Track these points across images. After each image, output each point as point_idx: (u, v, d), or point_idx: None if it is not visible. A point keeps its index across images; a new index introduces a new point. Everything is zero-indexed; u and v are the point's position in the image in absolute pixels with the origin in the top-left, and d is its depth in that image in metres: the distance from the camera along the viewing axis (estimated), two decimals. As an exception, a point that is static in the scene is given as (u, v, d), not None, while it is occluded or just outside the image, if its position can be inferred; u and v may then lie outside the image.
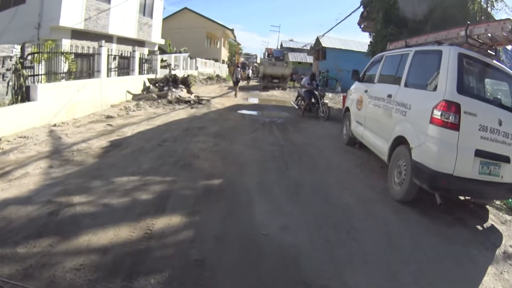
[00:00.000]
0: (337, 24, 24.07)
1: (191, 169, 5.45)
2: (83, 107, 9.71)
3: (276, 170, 5.65)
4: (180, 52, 27.50)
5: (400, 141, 4.90)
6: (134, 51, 14.69)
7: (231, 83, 32.85)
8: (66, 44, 11.48)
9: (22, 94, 8.00)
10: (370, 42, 13.78)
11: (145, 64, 16.81)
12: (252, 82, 31.33)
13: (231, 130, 8.79)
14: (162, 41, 20.85)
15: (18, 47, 8.43)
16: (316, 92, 11.93)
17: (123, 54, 14.26)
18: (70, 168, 5.01)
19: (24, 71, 8.36)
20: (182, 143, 7.05)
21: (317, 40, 33.03)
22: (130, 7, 16.16)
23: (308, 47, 40.32)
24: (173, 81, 15.19)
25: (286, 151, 6.95)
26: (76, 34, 13.15)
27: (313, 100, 12.04)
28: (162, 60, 21.01)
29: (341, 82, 28.59)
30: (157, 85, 15.00)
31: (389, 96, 5.49)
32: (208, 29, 38.68)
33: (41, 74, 8.91)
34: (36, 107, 7.91)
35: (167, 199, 4.15)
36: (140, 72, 15.48)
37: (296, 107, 12.96)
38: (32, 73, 8.57)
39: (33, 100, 7.92)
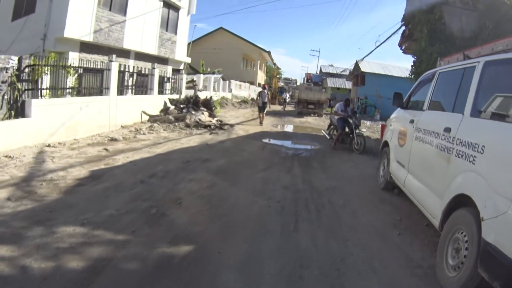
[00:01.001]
0: (377, 47, 22.48)
1: (161, 222, 3.92)
2: (86, 126, 8.85)
3: (279, 233, 3.93)
4: (213, 73, 26.85)
5: (462, 202, 3.05)
6: (153, 68, 13.67)
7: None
8: (74, 57, 10.70)
9: (17, 109, 7.37)
10: (414, 62, 12.03)
11: (167, 83, 15.86)
12: (289, 107, 30.00)
13: (240, 165, 7.24)
14: (188, 59, 19.96)
15: (16, 59, 7.73)
16: (351, 120, 10.23)
17: (142, 71, 13.29)
18: (26, 204, 4.18)
19: (19, 84, 7.65)
20: (171, 181, 5.59)
21: (356, 64, 31.47)
22: (150, 20, 15.33)
23: (347, 72, 38.56)
24: (194, 103, 13.99)
25: (301, 200, 5.21)
26: (86, 47, 12.39)
27: (346, 129, 10.30)
28: (191, 81, 20.11)
29: (380, 110, 27.06)
30: (177, 106, 13.87)
31: (447, 130, 3.60)
32: (244, 50, 37.96)
33: (40, 89, 8.15)
34: (30, 124, 7.22)
35: (96, 277, 2.75)
36: (161, 92, 14.53)
37: (328, 137, 11.23)
38: (28, 87, 7.88)
39: (27, 116, 7.24)
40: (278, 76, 61.08)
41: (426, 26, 11.04)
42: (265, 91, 15.95)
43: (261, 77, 43.47)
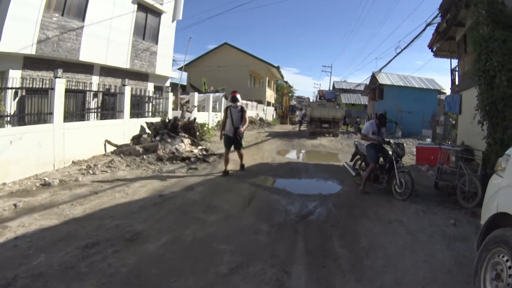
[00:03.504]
0: (398, 54, 19.66)
1: None
2: (22, 166, 6.70)
3: None
4: (217, 92, 24.06)
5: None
6: (123, 85, 10.68)
7: (275, 128, 28.66)
8: (16, 76, 8.42)
9: None
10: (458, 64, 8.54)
11: (148, 104, 12.83)
12: (304, 127, 26.53)
13: (185, 257, 3.68)
14: (175, 74, 16.92)
15: None
16: (388, 147, 6.75)
17: (111, 90, 10.57)
18: None
19: None
20: None
21: (373, 76, 28.29)
22: (119, 27, 12.23)
23: (362, 88, 35.51)
24: (171, 128, 10.67)
25: None
26: (31, 62, 9.66)
27: (381, 160, 6.79)
28: (187, 102, 16.95)
29: (401, 126, 24.45)
30: (152, 133, 10.64)
31: None
32: (251, 67, 34.85)
33: None
34: None
35: None
36: (139, 115, 11.69)
37: (352, 172, 7.59)
38: None
39: None
40: (290, 94, 57.91)
41: (481, 6, 7.62)
42: (238, 104, 8.06)
43: (270, 95, 40.26)
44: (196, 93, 18.70)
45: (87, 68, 11.50)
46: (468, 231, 4.63)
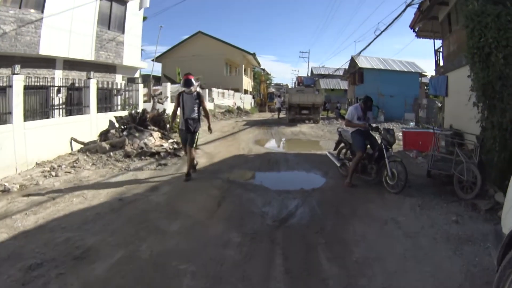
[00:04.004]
0: (377, 36, 19.15)
1: None
2: None
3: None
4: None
5: None
6: (89, 78, 9.83)
7: (254, 117, 27.79)
8: None
9: None
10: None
11: (117, 97, 12.03)
12: (283, 115, 25.94)
13: (138, 273, 3.02)
14: (144, 65, 15.84)
15: None
16: (376, 135, 6.08)
17: (76, 85, 9.92)
18: None
19: None
20: None
21: (352, 60, 27.67)
22: (82, 17, 11.11)
23: (341, 72, 35.04)
24: (140, 122, 9.74)
25: None
26: None
27: (368, 148, 6.11)
28: (160, 93, 15.92)
29: (383, 110, 23.65)
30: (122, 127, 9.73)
31: None
32: (226, 55, 33.72)
33: None
34: None
35: None
36: (107, 109, 10.96)
37: (337, 163, 6.88)
38: None
39: None
40: (268, 81, 56.96)
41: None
42: (193, 90, 6.43)
43: (247, 83, 39.27)
44: (168, 84, 17.72)
45: (49, 62, 10.44)
46: (473, 230, 4.02)
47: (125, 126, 9.74)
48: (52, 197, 5.17)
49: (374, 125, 6.19)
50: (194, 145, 6.59)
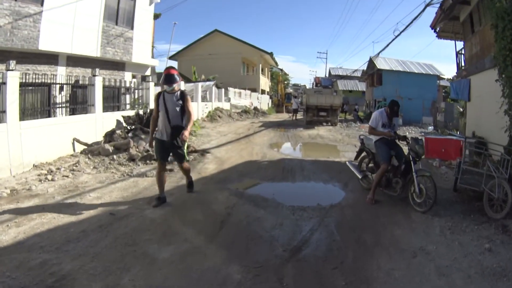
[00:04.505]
0: (397, 36, 18.47)
1: None
2: None
3: None
4: (208, 80, 22.88)
5: None
6: (94, 75, 9.51)
7: (270, 118, 26.94)
8: None
9: None
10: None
11: (126, 96, 11.67)
12: (300, 116, 25.37)
13: None
14: (155, 62, 15.36)
15: None
16: (403, 144, 5.38)
17: (80, 82, 9.39)
18: None
19: None
20: None
21: (370, 61, 26.86)
22: (85, 11, 10.68)
23: (359, 74, 34.48)
24: (147, 122, 9.26)
25: None
26: None
27: (394, 162, 5.38)
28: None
29: (402, 113, 22.44)
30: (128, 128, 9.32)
31: None
32: (243, 54, 33.23)
33: None
34: None
35: None
36: (115, 108, 10.82)
37: (358, 174, 6.18)
38: None
39: None
40: (285, 82, 56.15)
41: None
42: (176, 88, 4.86)
43: (264, 83, 38.69)
44: (182, 82, 17.22)
45: (51, 58, 10.03)
46: (505, 259, 3.40)
47: (131, 127, 9.29)
48: (42, 206, 4.72)
49: (402, 134, 5.48)
50: (185, 159, 5.23)
